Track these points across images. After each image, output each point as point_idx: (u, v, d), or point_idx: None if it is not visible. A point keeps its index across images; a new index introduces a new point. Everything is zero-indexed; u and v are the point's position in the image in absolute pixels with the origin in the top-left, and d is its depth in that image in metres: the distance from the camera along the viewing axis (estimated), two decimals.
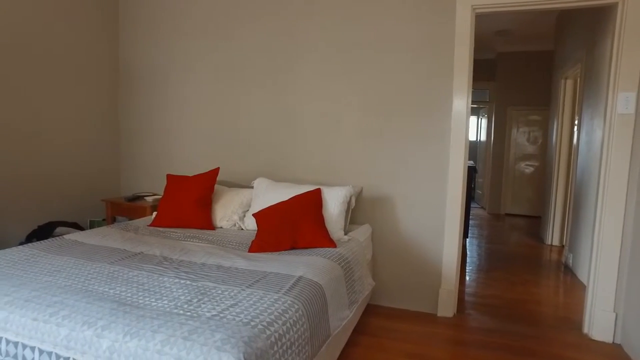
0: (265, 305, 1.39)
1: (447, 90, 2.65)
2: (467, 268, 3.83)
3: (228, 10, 3.18)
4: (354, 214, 2.88)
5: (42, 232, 2.95)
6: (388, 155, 2.80)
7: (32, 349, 1.27)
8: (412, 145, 2.75)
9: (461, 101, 2.63)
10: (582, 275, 3.52)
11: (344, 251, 2.21)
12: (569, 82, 4.57)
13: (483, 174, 7.54)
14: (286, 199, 2.48)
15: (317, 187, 2.59)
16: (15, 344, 1.30)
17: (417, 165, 2.74)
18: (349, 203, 2.60)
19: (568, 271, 3.81)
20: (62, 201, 3.23)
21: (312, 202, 2.39)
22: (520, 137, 6.79)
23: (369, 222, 2.89)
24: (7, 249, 1.99)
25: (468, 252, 4.41)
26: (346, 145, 2.90)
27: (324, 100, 2.93)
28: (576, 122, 4.16)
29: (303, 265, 1.86)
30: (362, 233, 2.64)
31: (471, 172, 4.36)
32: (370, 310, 2.79)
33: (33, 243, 2.13)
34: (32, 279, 1.58)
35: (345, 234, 2.53)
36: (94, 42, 3.42)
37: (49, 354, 1.25)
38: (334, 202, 2.50)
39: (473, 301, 3.02)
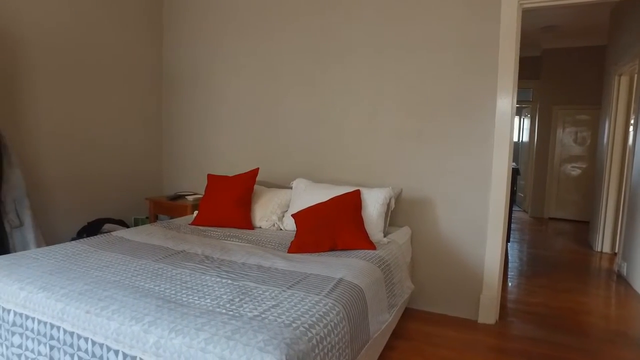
0: (306, 307, 1.39)
1: (490, 89, 2.56)
2: (508, 273, 3.69)
3: (269, 12, 3.21)
4: (393, 215, 2.83)
5: (91, 228, 3.09)
6: (428, 156, 2.74)
7: (86, 339, 1.33)
8: (453, 146, 2.67)
9: (506, 101, 2.53)
10: (638, 286, 3.30)
11: (384, 254, 2.17)
12: (624, 79, 4.31)
13: (525, 175, 7.26)
14: (325, 200, 2.48)
15: (356, 188, 2.57)
16: (71, 333, 1.36)
17: (459, 166, 2.67)
18: (388, 205, 2.56)
19: (622, 281, 3.59)
20: (109, 199, 3.37)
21: (351, 203, 2.37)
22: (567, 138, 6.48)
23: (408, 224, 2.83)
24: (61, 244, 2.09)
25: (509, 257, 4.25)
26: (385, 146, 2.86)
27: (364, 100, 2.90)
28: (632, 121, 3.92)
29: (343, 268, 1.84)
30: (401, 235, 2.59)
31: (513, 174, 4.20)
32: (409, 314, 2.74)
33: (83, 239, 2.22)
34: (84, 274, 1.65)
35: (385, 236, 2.49)
36: (140, 47, 3.54)
37: (101, 345, 1.30)
38: (373, 204, 2.47)
39: (516, 308, 2.91)
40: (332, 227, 2.23)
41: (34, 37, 2.77)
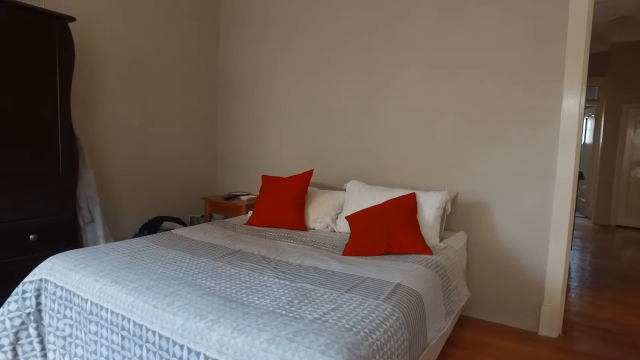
0: (365, 312, 1.37)
1: (555, 89, 2.42)
2: (571, 284, 3.47)
3: (322, 14, 3.23)
4: (448, 220, 2.75)
5: (152, 225, 3.25)
6: (486, 159, 2.63)
7: (154, 332, 1.39)
8: (513, 148, 2.55)
9: (573, 101, 2.38)
10: None
11: (441, 259, 2.11)
12: None
13: (589, 180, 6.80)
14: (379, 202, 2.45)
15: (411, 191, 2.52)
16: (140, 326, 1.43)
17: (519, 170, 2.54)
18: (444, 209, 2.49)
19: None
20: (167, 198, 3.52)
21: (407, 206, 2.33)
22: (638, 139, 6.00)
23: (463, 229, 2.74)
24: (126, 240, 2.21)
25: (571, 266, 4.00)
26: (441, 148, 2.78)
27: (419, 102, 2.84)
28: None
29: (400, 272, 1.81)
30: (457, 240, 2.51)
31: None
32: (464, 322, 2.64)
33: (147, 236, 2.34)
34: (149, 269, 1.72)
35: (440, 240, 2.42)
36: (198, 53, 3.69)
37: (167, 339, 1.35)
38: (429, 208, 2.41)
39: (582, 322, 2.72)
40: (387, 230, 2.20)
41: (107, 47, 2.95)
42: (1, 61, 2.09)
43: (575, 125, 2.38)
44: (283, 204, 2.66)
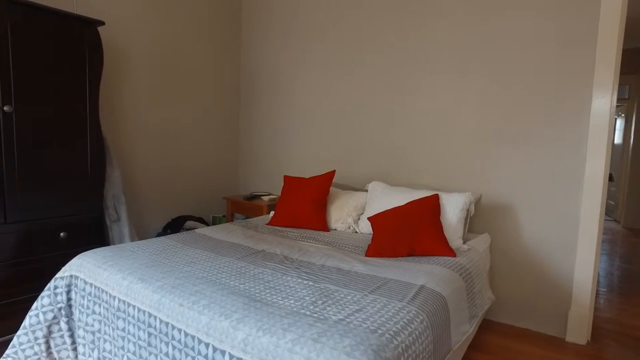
0: (390, 314, 1.36)
1: (585, 87, 2.35)
2: (599, 289, 3.36)
3: (346, 12, 3.22)
4: (472, 221, 2.70)
5: (175, 224, 3.30)
6: (510, 160, 2.58)
7: (179, 330, 1.41)
8: (539, 149, 2.49)
9: (603, 100, 2.31)
10: None
11: (465, 261, 2.08)
12: None
13: (618, 181, 6.59)
14: (402, 203, 2.43)
15: (434, 192, 2.49)
16: (167, 324, 1.45)
17: (546, 171, 2.48)
18: (468, 210, 2.45)
19: None
20: (189, 198, 3.58)
21: (430, 208, 2.30)
22: None
23: (487, 231, 2.69)
24: (151, 239, 2.25)
25: (599, 271, 3.88)
26: (464, 149, 2.74)
27: (442, 102, 2.81)
28: None
29: (424, 274, 1.79)
30: (481, 243, 2.47)
31: None
32: (487, 326, 2.60)
33: (171, 235, 2.37)
34: (174, 268, 1.75)
35: (464, 242, 2.39)
36: (220, 53, 3.73)
37: (193, 337, 1.37)
38: (452, 209, 2.38)
39: (612, 330, 2.64)
40: (410, 231, 2.18)
41: (132, 49, 3.02)
42: (35, 65, 2.16)
43: (606, 125, 2.31)
44: (305, 204, 2.67)
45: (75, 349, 1.94)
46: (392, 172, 3.03)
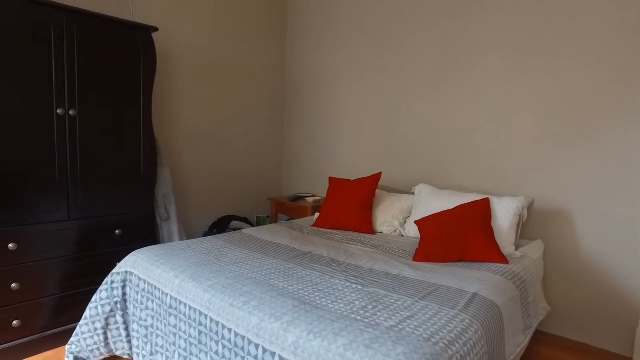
0: (443, 322, 1.32)
1: None
2: None
3: (391, 16, 3.18)
4: (524, 227, 2.58)
5: (221, 224, 3.37)
6: (568, 163, 2.44)
7: (229, 330, 1.43)
8: (603, 151, 2.33)
9: None
10: None
11: (518, 269, 1.99)
12: None
13: None
14: (450, 207, 2.36)
15: (484, 196, 2.40)
16: (217, 323, 1.48)
17: (609, 175, 2.32)
18: (520, 215, 2.35)
19: None
20: (234, 198, 3.65)
21: (480, 212, 2.22)
22: None
23: (540, 237, 2.56)
24: (201, 239, 2.31)
25: None
26: (516, 152, 2.62)
27: (492, 102, 2.70)
28: None
29: (476, 281, 1.73)
30: (534, 250, 2.35)
31: None
32: (540, 338, 2.47)
33: (219, 235, 2.43)
34: (224, 268, 1.78)
35: (516, 249, 2.28)
36: (265, 56, 3.78)
37: (243, 337, 1.39)
38: (504, 214, 2.28)
39: None
40: (460, 236, 2.11)
41: (182, 54, 3.12)
42: (95, 70, 2.28)
43: None
44: (351, 206, 2.65)
45: (129, 342, 2.02)
46: (439, 175, 2.95)
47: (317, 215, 2.95)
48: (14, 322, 2.06)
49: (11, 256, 2.04)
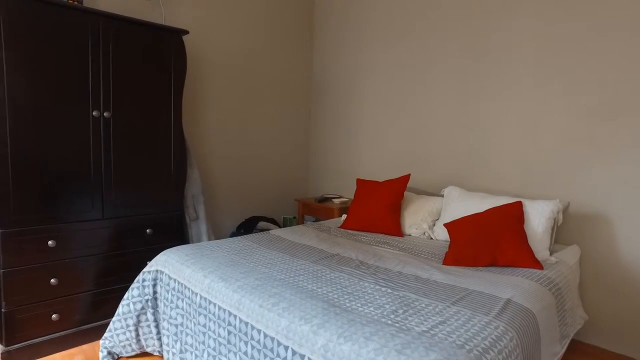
0: (476, 328, 1.28)
1: None
2: None
3: (416, 15, 3.13)
4: (558, 232, 2.49)
5: (248, 225, 3.40)
6: (604, 165, 2.34)
7: (259, 331, 1.44)
8: (638, 154, 2.22)
9: None
10: None
11: (553, 275, 1.92)
12: None
13: None
14: (480, 210, 2.30)
15: (516, 199, 2.33)
16: (246, 323, 1.48)
17: None
18: (555, 219, 2.26)
19: None
20: (261, 198, 3.67)
21: (512, 215, 2.16)
22: None
23: (576, 242, 2.47)
24: (229, 239, 2.33)
25: None
26: (549, 153, 2.53)
27: (523, 101, 2.62)
28: None
29: (509, 287, 1.68)
30: (570, 255, 2.27)
31: None
32: (576, 348, 2.37)
33: (247, 235, 2.44)
34: (252, 269, 1.79)
35: (551, 254, 2.21)
36: (292, 59, 3.80)
37: (272, 339, 1.39)
38: (537, 218, 2.21)
39: None
40: (491, 240, 2.05)
41: (210, 56, 3.17)
42: (128, 73, 2.33)
43: None
44: (379, 208, 2.62)
45: (160, 339, 2.06)
46: (468, 177, 2.89)
47: (344, 216, 2.93)
48: (53, 316, 2.14)
49: (50, 253, 2.12)
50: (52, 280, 2.13)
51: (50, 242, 2.11)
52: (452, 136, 2.97)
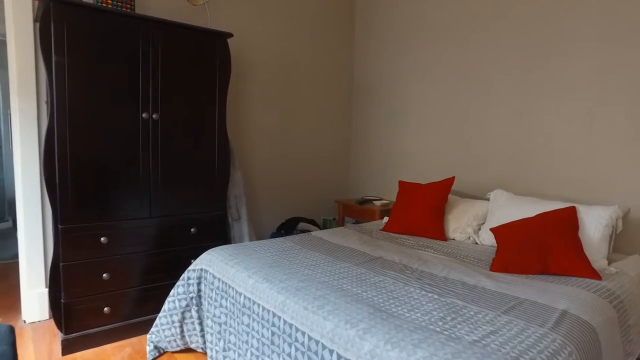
0: (531, 340, 1.22)
1: None
2: None
3: (464, 13, 3.04)
4: (617, 240, 2.33)
5: (288, 225, 3.42)
6: None
7: (303, 333, 1.43)
8: None
9: None
10: None
11: (614, 286, 1.80)
12: None
13: None
14: (530, 215, 2.20)
15: (569, 204, 2.21)
16: (290, 325, 1.48)
17: None
18: (613, 227, 2.13)
19: None
20: (301, 199, 3.69)
21: (566, 222, 2.04)
22: None
23: (638, 252, 2.31)
24: (271, 239, 2.35)
25: None
26: (606, 155, 2.38)
27: (578, 99, 2.48)
28: None
29: (564, 297, 1.58)
30: (631, 265, 2.12)
31: None
32: None
33: (289, 236, 2.45)
34: (296, 270, 1.80)
35: (609, 264, 2.07)
36: (334, 59, 3.79)
37: (316, 342, 1.38)
38: (594, 224, 2.09)
39: None
40: (542, 247, 1.96)
41: (253, 58, 3.22)
42: (175, 76, 2.40)
43: None
44: (422, 211, 2.56)
45: (203, 336, 2.10)
46: (516, 180, 2.77)
47: (385, 219, 2.89)
48: (105, 309, 2.24)
49: (103, 248, 2.22)
50: (105, 275, 2.22)
51: (102, 239, 2.21)
52: (499, 138, 2.86)
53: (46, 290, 2.49)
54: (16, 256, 3.06)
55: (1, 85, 4.91)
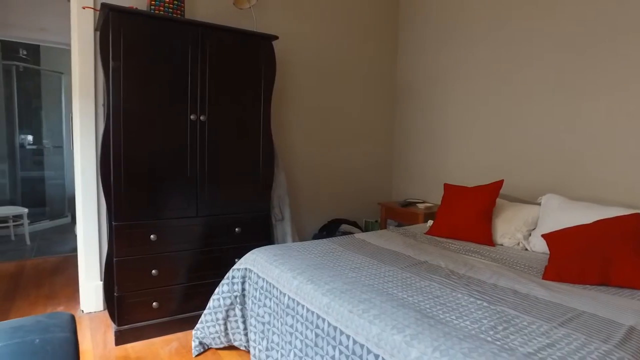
0: (594, 357, 1.14)
1: None
2: None
3: (507, 11, 2.92)
4: None
5: (331, 227, 3.42)
6: None
7: (348, 336, 1.42)
8: None
9: None
10: None
11: None
12: None
13: None
14: (586, 221, 2.07)
15: (631, 210, 2.06)
16: (335, 327, 1.47)
17: None
18: None
19: None
20: (343, 201, 3.67)
21: (629, 229, 1.91)
22: None
23: None
24: (314, 241, 2.36)
25: None
26: None
27: (638, 99, 2.31)
28: None
29: (630, 312, 1.48)
30: None
31: None
32: None
33: (332, 238, 2.45)
34: (340, 273, 1.78)
35: None
36: (376, 60, 3.76)
37: (361, 346, 1.36)
38: None
39: None
40: (602, 256, 1.84)
41: (296, 58, 3.24)
42: (222, 78, 2.47)
43: None
44: (468, 215, 2.48)
45: (246, 335, 2.14)
46: (569, 184, 2.62)
47: (429, 222, 2.82)
48: (154, 304, 2.33)
49: (152, 246, 2.31)
50: (153, 271, 2.31)
51: (152, 236, 2.30)
52: (550, 139, 2.72)
53: (101, 283, 2.62)
54: (74, 250, 3.25)
55: (65, 91, 5.26)
